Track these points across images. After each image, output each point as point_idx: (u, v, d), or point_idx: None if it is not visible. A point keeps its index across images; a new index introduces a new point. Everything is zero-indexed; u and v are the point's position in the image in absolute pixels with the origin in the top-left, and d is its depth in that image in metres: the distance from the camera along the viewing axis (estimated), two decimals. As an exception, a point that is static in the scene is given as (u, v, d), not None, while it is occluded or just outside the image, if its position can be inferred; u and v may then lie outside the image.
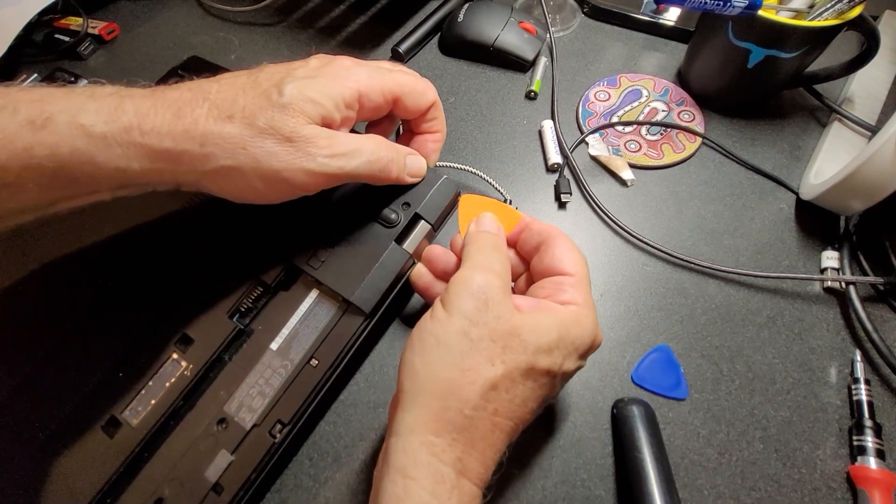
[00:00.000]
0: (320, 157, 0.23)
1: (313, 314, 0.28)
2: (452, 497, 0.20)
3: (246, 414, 0.26)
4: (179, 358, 0.27)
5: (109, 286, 0.31)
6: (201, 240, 0.31)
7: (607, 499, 0.28)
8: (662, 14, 0.49)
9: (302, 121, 0.23)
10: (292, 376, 0.26)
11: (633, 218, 0.38)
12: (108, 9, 0.53)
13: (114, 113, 0.22)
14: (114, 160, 0.22)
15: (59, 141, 0.21)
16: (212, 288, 0.29)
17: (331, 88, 0.24)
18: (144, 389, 0.26)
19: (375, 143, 0.26)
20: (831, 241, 0.37)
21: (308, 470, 0.29)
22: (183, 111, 0.22)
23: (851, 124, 0.41)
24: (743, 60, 0.39)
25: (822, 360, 0.32)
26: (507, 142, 0.43)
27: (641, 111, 0.44)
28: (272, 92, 0.23)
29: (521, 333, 0.22)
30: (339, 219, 0.29)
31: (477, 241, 0.25)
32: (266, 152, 0.23)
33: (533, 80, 0.45)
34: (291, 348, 0.27)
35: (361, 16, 0.52)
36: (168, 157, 0.22)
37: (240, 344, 0.28)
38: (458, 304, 0.22)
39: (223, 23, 0.52)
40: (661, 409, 0.31)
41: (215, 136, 0.22)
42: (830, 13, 0.35)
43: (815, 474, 0.29)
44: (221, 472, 0.24)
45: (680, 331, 0.34)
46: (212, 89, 0.23)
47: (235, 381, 0.27)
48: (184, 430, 0.26)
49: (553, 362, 0.22)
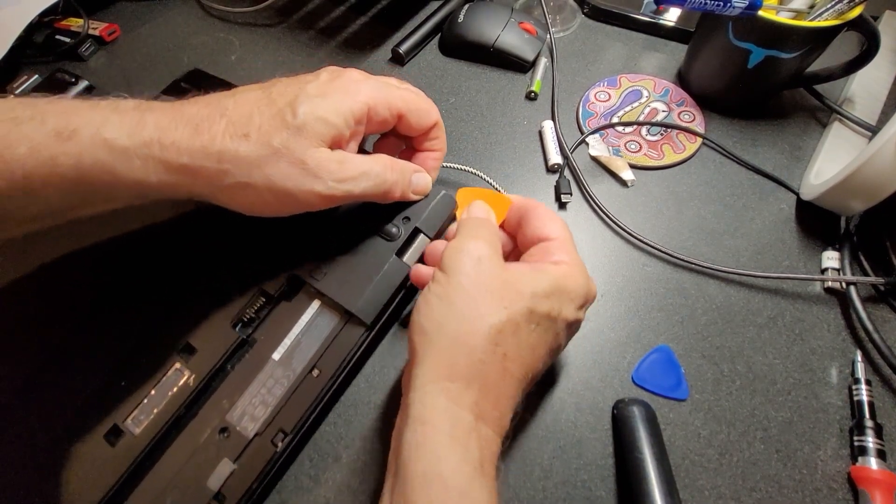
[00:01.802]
0: (330, 181, 0.24)
1: (315, 325, 0.28)
2: (471, 440, 0.20)
3: (248, 423, 0.26)
4: (182, 367, 0.27)
5: (112, 293, 0.31)
6: (205, 248, 0.31)
7: (608, 499, 0.28)
8: (662, 14, 0.49)
9: (315, 143, 0.24)
10: (294, 386, 0.27)
11: (633, 218, 0.38)
12: (109, 10, 0.53)
13: (136, 127, 0.22)
14: (133, 172, 0.23)
15: (82, 151, 0.22)
16: (215, 297, 0.29)
17: (341, 104, 0.25)
18: (147, 398, 0.27)
19: (382, 165, 0.27)
20: (832, 242, 0.37)
21: (308, 470, 0.29)
22: (201, 127, 0.23)
23: (852, 124, 0.41)
24: (743, 61, 0.39)
25: (823, 360, 0.32)
26: (508, 142, 0.43)
27: (642, 112, 0.44)
28: (286, 112, 0.24)
29: (517, 283, 0.23)
30: (341, 232, 0.30)
31: (467, 223, 0.27)
32: (280, 173, 0.23)
33: (533, 81, 0.45)
34: (293, 358, 0.27)
35: (362, 17, 0.52)
36: (185, 172, 0.23)
37: (242, 353, 0.28)
38: (454, 264, 0.24)
39: (224, 24, 0.52)
40: (661, 409, 0.31)
41: (232, 155, 0.23)
42: (830, 13, 0.35)
43: (816, 475, 0.29)
44: (223, 481, 0.25)
45: (680, 331, 0.34)
46: (228, 105, 0.24)
47: (238, 391, 0.27)
48: (186, 439, 0.26)
49: (552, 307, 0.23)
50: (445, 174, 0.40)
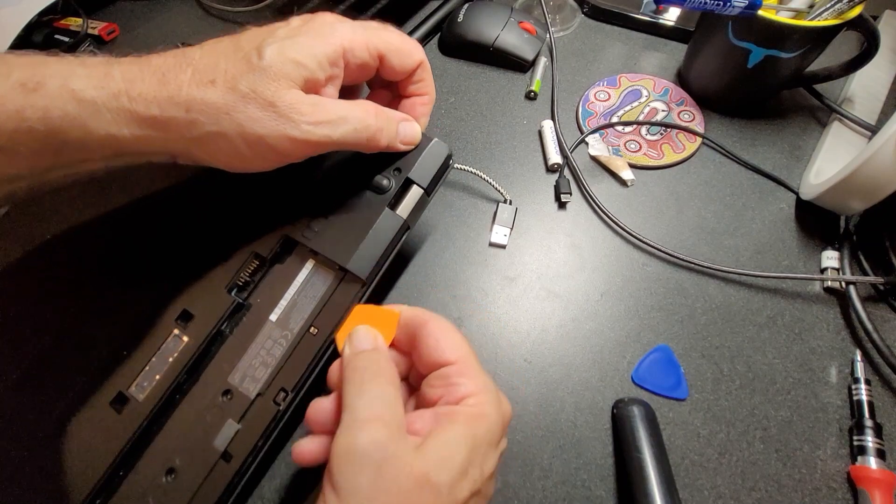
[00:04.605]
0: (304, 125, 0.23)
1: (310, 284, 0.28)
2: None
3: (250, 384, 0.26)
4: (181, 333, 0.28)
5: (106, 265, 0.32)
6: (195, 215, 0.31)
7: (608, 499, 0.28)
8: (662, 14, 0.49)
9: (284, 85, 0.23)
10: (293, 345, 0.27)
11: (633, 218, 0.38)
12: (108, 9, 0.53)
13: (103, 79, 0.22)
14: (104, 126, 0.22)
15: (49, 104, 0.21)
16: (208, 263, 0.29)
17: (313, 46, 0.23)
18: (148, 366, 0.27)
19: (364, 109, 0.25)
20: (831, 241, 0.37)
21: (308, 470, 0.29)
22: (167, 77, 0.22)
23: (851, 124, 0.41)
24: (743, 60, 0.39)
25: (823, 359, 0.32)
26: (507, 142, 0.43)
27: (641, 111, 0.44)
28: (252, 55, 0.23)
29: (430, 477, 0.19)
30: (331, 188, 0.29)
31: (353, 376, 0.22)
32: (249, 118, 0.22)
33: (533, 81, 0.45)
34: (290, 318, 0.27)
35: (361, 16, 0.52)
36: (156, 124, 0.22)
37: (240, 317, 0.28)
38: (348, 483, 0.19)
39: (223, 23, 0.52)
40: (661, 409, 0.31)
41: (199, 103, 0.22)
42: (830, 13, 0.35)
43: (815, 474, 0.29)
44: (229, 441, 0.25)
45: (680, 331, 0.34)
46: (195, 55, 0.23)
47: (237, 354, 0.27)
48: (190, 403, 0.26)
49: (474, 481, 0.20)
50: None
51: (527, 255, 0.37)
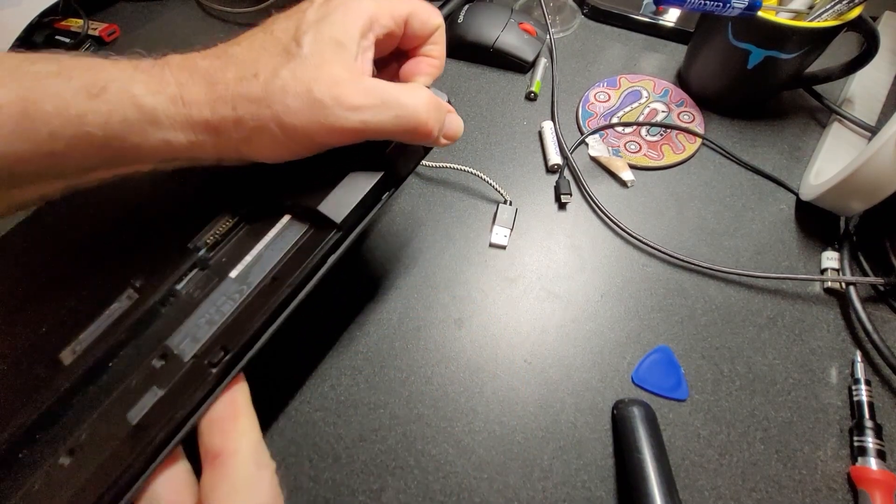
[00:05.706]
0: (339, 110, 0.22)
1: (281, 237, 0.25)
2: None
3: (189, 345, 0.23)
4: (133, 294, 0.25)
5: (76, 231, 0.28)
6: (173, 180, 0.27)
7: (608, 500, 0.28)
8: (662, 15, 0.50)
9: (324, 70, 0.22)
10: (246, 300, 0.24)
11: (633, 219, 0.38)
12: (109, 10, 0.53)
13: (159, 84, 0.21)
14: (161, 132, 0.22)
15: (112, 110, 0.20)
16: (180, 226, 0.26)
17: (344, 21, 0.23)
18: (87, 329, 0.24)
19: (414, 95, 0.23)
20: (831, 242, 0.37)
21: (308, 471, 0.29)
22: (215, 77, 0.22)
23: (851, 125, 0.42)
24: (743, 61, 0.39)
25: (823, 360, 0.32)
26: (507, 143, 0.43)
27: (641, 112, 0.44)
28: (292, 46, 0.22)
29: None
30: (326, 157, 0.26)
31: None
32: (287, 108, 0.22)
33: (533, 81, 0.45)
34: (251, 273, 0.24)
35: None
36: (209, 129, 0.22)
37: (199, 276, 0.25)
38: None
39: (223, 24, 0.52)
40: (661, 410, 0.31)
41: (244, 98, 0.22)
42: (830, 14, 0.35)
43: (815, 475, 0.29)
44: (144, 412, 0.21)
45: (680, 331, 0.34)
46: (236, 52, 0.23)
47: (186, 313, 0.24)
48: (120, 368, 0.23)
49: None
50: (445, 174, 0.40)
51: (527, 255, 0.37)
